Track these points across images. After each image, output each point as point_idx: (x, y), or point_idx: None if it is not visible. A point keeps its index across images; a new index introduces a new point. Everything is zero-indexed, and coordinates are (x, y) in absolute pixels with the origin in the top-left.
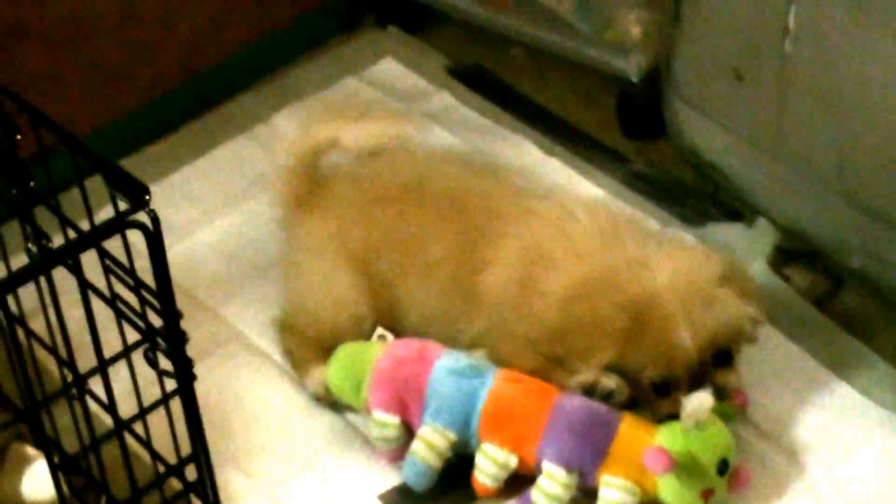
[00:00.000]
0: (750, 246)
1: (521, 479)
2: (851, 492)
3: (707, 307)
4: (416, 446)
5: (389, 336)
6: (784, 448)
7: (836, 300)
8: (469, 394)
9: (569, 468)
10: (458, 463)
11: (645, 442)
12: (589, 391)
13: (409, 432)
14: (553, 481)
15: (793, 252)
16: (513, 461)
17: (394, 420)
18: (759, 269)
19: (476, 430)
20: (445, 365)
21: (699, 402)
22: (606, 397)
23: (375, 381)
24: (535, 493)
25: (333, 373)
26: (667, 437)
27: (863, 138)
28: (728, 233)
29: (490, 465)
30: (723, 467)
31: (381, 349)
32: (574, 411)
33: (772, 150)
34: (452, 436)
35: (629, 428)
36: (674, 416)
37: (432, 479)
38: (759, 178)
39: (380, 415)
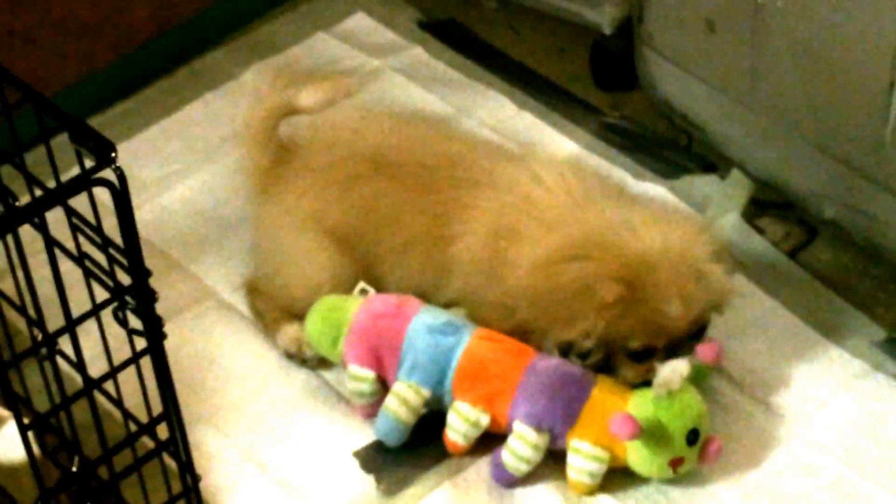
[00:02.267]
0: (724, 197)
1: (496, 438)
2: (826, 442)
3: (700, 282)
4: (390, 402)
5: (371, 291)
6: (759, 400)
7: (810, 251)
8: (444, 351)
9: (539, 428)
10: (432, 419)
11: (617, 407)
12: (565, 350)
13: (384, 387)
14: (523, 441)
15: (767, 203)
16: (484, 420)
17: (369, 374)
18: (733, 220)
19: (450, 388)
20: (423, 321)
21: (673, 370)
22: (583, 356)
23: (352, 334)
24: (504, 452)
25: (312, 324)
26: (637, 404)
27: (837, 87)
28: (702, 184)
29: (461, 423)
30: (692, 437)
31: (360, 303)
32: (547, 371)
33: (745, 100)
34: (426, 392)
35: (602, 392)
36: (648, 382)
37: (404, 435)
38: (733, 128)
39: (355, 368)
